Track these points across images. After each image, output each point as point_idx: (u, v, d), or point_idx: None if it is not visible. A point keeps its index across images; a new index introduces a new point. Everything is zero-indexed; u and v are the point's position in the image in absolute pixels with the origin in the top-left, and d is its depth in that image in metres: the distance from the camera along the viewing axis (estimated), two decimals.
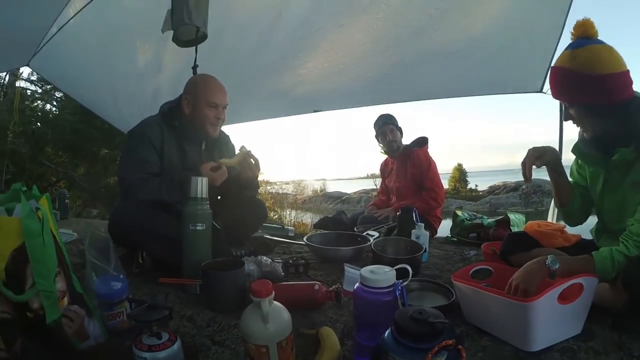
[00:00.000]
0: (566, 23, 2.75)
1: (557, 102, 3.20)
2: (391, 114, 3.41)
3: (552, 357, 1.18)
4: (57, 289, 1.11)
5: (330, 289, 1.59)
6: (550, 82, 1.49)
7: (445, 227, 3.34)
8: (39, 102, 8.31)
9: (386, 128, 3.35)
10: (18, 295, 1.05)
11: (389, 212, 3.22)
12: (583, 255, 1.36)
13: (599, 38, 1.39)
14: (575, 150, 1.64)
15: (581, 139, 1.60)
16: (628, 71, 1.36)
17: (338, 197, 24.35)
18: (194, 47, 2.37)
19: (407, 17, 2.89)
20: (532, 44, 3.00)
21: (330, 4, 2.80)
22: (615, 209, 1.56)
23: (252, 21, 2.98)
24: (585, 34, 1.40)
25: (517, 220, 2.81)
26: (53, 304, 1.07)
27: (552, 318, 1.20)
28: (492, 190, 23.89)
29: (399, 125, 3.39)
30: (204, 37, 2.22)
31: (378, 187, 3.93)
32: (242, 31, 3.06)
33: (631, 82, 1.37)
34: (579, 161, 1.74)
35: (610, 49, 1.36)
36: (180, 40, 2.27)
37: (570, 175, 1.79)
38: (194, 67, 2.24)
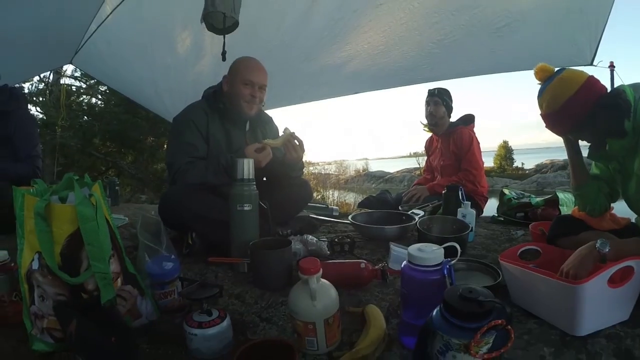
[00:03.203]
0: None
1: (609, 74, 3.20)
2: (446, 89, 3.32)
3: (599, 342, 1.14)
4: (111, 270, 1.16)
5: (376, 267, 1.60)
6: (547, 127, 1.63)
7: (491, 207, 3.26)
8: (84, 96, 8.64)
9: (430, 99, 3.27)
10: (73, 277, 1.11)
11: (420, 191, 3.18)
12: (633, 238, 1.32)
13: (555, 70, 1.56)
14: (590, 156, 1.72)
15: (590, 146, 1.69)
16: (586, 81, 1.48)
17: (381, 177, 24.24)
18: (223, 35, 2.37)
19: None
20: (582, 15, 2.88)
21: None
22: (636, 192, 1.55)
23: (290, 6, 2.98)
24: (544, 78, 1.57)
25: (567, 200, 2.70)
26: (108, 284, 1.13)
27: (601, 302, 1.16)
28: (539, 169, 23.15)
29: (451, 103, 3.31)
30: (235, 25, 2.21)
31: (421, 165, 3.87)
32: (279, 16, 3.06)
33: (594, 87, 1.48)
34: None
35: (559, 80, 1.51)
36: (216, 28, 2.27)
37: (591, 170, 1.82)
38: (223, 53, 2.26)
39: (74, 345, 0.99)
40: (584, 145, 1.72)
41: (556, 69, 1.56)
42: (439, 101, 3.24)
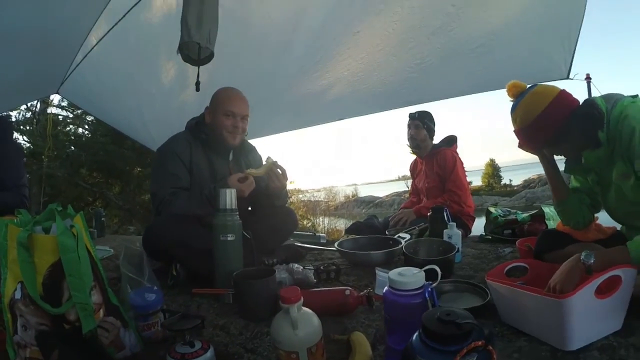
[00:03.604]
0: (587, 5, 2.72)
1: (586, 87, 3.25)
2: (428, 112, 3.37)
3: (591, 355, 1.14)
4: (92, 301, 1.16)
5: (362, 293, 1.59)
6: (519, 143, 1.66)
7: (480, 226, 3.27)
8: (71, 126, 8.60)
9: (411, 123, 3.32)
10: (55, 308, 1.11)
11: (407, 215, 3.19)
12: (618, 246, 1.32)
13: (527, 86, 1.60)
14: (566, 170, 1.77)
15: (566, 160, 1.75)
16: (558, 94, 1.51)
17: (370, 201, 24.29)
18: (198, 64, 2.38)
19: (423, 18, 2.87)
20: (554, 30, 2.95)
21: (345, 11, 2.80)
22: (616, 201, 1.58)
23: (269, 36, 3.02)
24: (516, 95, 1.60)
25: (553, 214, 2.71)
26: (89, 315, 1.13)
27: (589, 314, 1.16)
28: (528, 184, 23.36)
29: (432, 125, 3.35)
30: (210, 56, 2.22)
31: (410, 188, 3.88)
32: (259, 46, 3.10)
33: (566, 100, 1.52)
34: None
35: (531, 94, 1.55)
36: (192, 59, 2.26)
37: (571, 183, 1.84)
38: (197, 84, 2.27)
39: None
40: (560, 159, 1.74)
41: (528, 85, 1.59)
42: (419, 124, 3.29)
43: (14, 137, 2.70)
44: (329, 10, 2.79)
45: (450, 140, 3.36)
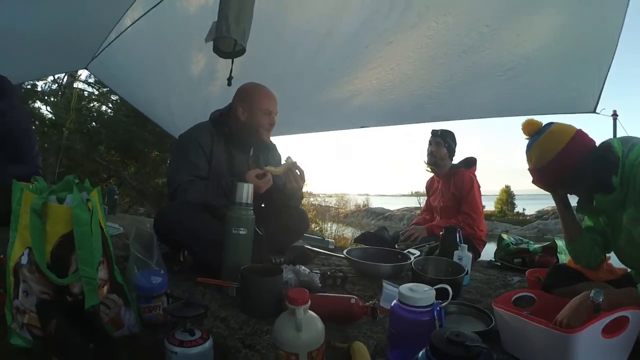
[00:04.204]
0: (619, 40, 2.66)
1: (610, 123, 3.23)
2: (451, 131, 3.35)
3: None
4: (98, 277, 1.16)
5: (367, 304, 1.57)
6: (533, 182, 1.64)
7: (489, 251, 3.24)
8: (95, 103, 8.71)
9: (433, 140, 3.30)
10: (60, 278, 1.12)
11: (419, 231, 3.17)
12: (627, 288, 1.32)
13: (543, 124, 1.57)
14: (578, 210, 1.74)
15: (579, 200, 1.71)
16: (574, 135, 1.48)
17: (381, 213, 24.17)
18: (231, 60, 2.41)
19: (457, 35, 2.86)
20: (585, 63, 2.91)
21: (380, 21, 2.80)
22: (625, 245, 1.55)
23: (303, 37, 3.03)
24: (532, 133, 1.58)
25: (565, 247, 2.68)
26: (93, 290, 1.13)
27: (595, 352, 1.16)
28: (541, 215, 23.05)
29: (454, 145, 3.33)
30: (242, 51, 2.25)
31: (422, 205, 3.87)
32: (292, 46, 3.12)
33: (583, 141, 1.49)
34: None
35: (548, 134, 1.52)
36: (221, 51, 2.31)
37: (584, 223, 1.80)
38: (229, 79, 2.30)
39: (51, 344, 0.99)
40: (572, 198, 1.72)
41: (544, 123, 1.57)
42: (440, 142, 3.27)
43: (21, 104, 2.61)
44: (365, 18, 2.79)
45: (470, 162, 3.33)
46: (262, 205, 2.40)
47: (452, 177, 3.25)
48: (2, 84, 2.36)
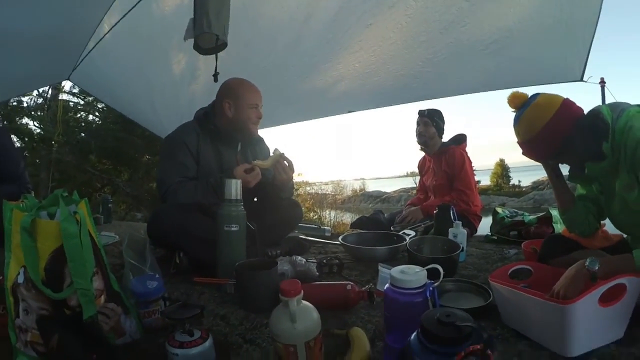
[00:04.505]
0: (602, 6, 2.66)
1: (599, 90, 3.22)
2: (438, 109, 3.35)
3: None
4: (94, 287, 1.17)
5: (363, 289, 1.58)
6: (523, 154, 1.64)
7: (486, 225, 3.25)
8: (81, 113, 8.65)
9: (420, 120, 3.31)
10: (56, 293, 1.12)
11: (414, 214, 3.18)
12: (624, 254, 1.30)
13: (529, 96, 1.57)
14: (570, 179, 1.76)
15: (570, 168, 1.71)
16: (561, 105, 1.48)
17: (378, 197, 24.29)
18: (214, 56, 2.40)
19: (436, 12, 2.83)
20: (569, 31, 2.89)
21: (358, 4, 2.77)
22: (620, 212, 1.55)
23: (281, 26, 3.00)
24: (518, 106, 1.57)
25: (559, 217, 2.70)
26: (90, 301, 1.13)
27: (592, 322, 1.15)
28: (536, 186, 23.22)
29: (442, 124, 3.33)
30: (224, 46, 2.25)
31: (418, 185, 3.86)
32: (271, 36, 3.09)
33: (570, 110, 1.49)
34: None
35: (534, 106, 1.51)
36: (202, 48, 2.30)
37: (576, 191, 1.80)
38: (215, 75, 2.29)
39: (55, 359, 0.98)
40: (564, 167, 1.72)
41: (529, 94, 1.56)
42: (428, 122, 3.27)
43: None
44: (343, 2, 2.76)
45: (460, 139, 3.34)
46: (255, 200, 2.40)
47: (442, 155, 3.25)
48: None
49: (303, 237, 2.74)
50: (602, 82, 3.22)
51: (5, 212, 1.15)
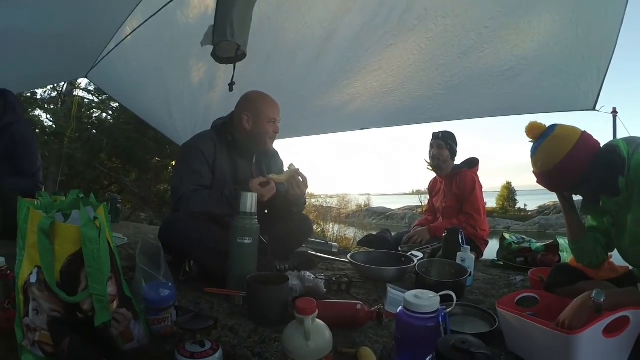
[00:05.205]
0: (619, 38, 2.68)
1: (610, 120, 3.23)
2: (451, 132, 3.36)
3: None
4: (108, 293, 1.16)
5: (373, 309, 1.59)
6: (539, 182, 1.65)
7: (492, 250, 3.26)
8: (95, 110, 8.74)
9: (435, 142, 3.32)
10: (70, 296, 1.12)
11: (420, 234, 3.19)
12: (629, 287, 1.33)
13: (547, 126, 1.57)
14: (582, 211, 1.75)
15: (583, 200, 1.72)
16: (579, 139, 1.49)
17: (382, 213, 24.20)
18: (233, 65, 2.42)
19: (456, 37, 2.87)
20: (584, 60, 2.91)
21: (380, 25, 2.82)
22: (630, 245, 1.56)
23: (303, 41, 3.04)
24: (536, 136, 1.58)
25: (567, 246, 2.69)
26: (104, 307, 1.13)
27: (596, 352, 1.17)
28: (542, 211, 23.08)
29: (455, 147, 3.34)
30: (243, 56, 2.25)
31: (424, 204, 3.87)
32: (292, 51, 3.14)
33: (588, 144, 1.50)
34: None
35: (553, 138, 1.52)
36: (219, 57, 2.31)
37: (587, 222, 1.81)
38: (231, 85, 2.32)
39: None
40: (577, 199, 1.73)
41: (547, 125, 1.57)
42: (442, 144, 3.29)
43: (24, 118, 2.63)
44: (365, 21, 2.81)
45: (472, 163, 3.35)
46: (265, 212, 2.42)
47: (454, 177, 3.26)
48: (7, 98, 2.39)
49: (312, 252, 2.75)
50: (614, 112, 3.23)
51: (21, 210, 1.15)
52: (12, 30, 2.64)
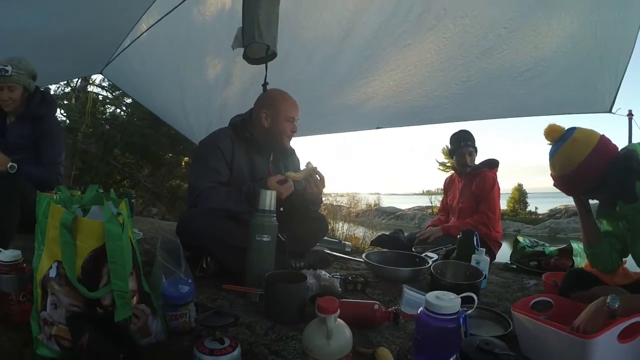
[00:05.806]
0: (636, 42, 2.67)
1: (626, 122, 3.20)
2: (472, 134, 3.35)
3: None
4: (129, 288, 1.16)
5: (390, 309, 1.60)
6: (555, 186, 1.64)
7: (504, 252, 3.24)
8: (109, 106, 8.82)
9: (466, 150, 3.30)
10: (91, 291, 1.12)
11: (433, 232, 3.19)
12: None
13: (566, 129, 1.55)
14: (598, 215, 1.75)
15: (599, 204, 1.71)
16: (598, 143, 1.48)
17: (392, 213, 24.13)
18: (264, 65, 2.43)
19: (475, 37, 2.87)
20: (602, 63, 2.90)
21: (398, 24, 2.83)
22: None
23: (321, 40, 3.06)
24: (555, 139, 1.56)
25: (581, 250, 2.66)
26: (126, 303, 1.13)
27: (610, 356, 1.18)
28: (553, 214, 22.89)
29: (476, 144, 3.35)
30: (273, 56, 2.26)
31: (434, 204, 3.87)
32: (311, 49, 3.16)
33: (607, 148, 1.49)
34: None
35: (572, 141, 1.51)
36: (250, 58, 2.32)
37: (603, 227, 1.80)
38: (264, 85, 2.32)
39: (83, 357, 1.00)
40: (593, 203, 1.72)
41: (566, 128, 1.55)
42: (472, 151, 3.30)
43: (56, 114, 2.75)
44: (383, 20, 2.82)
45: (493, 164, 3.33)
46: (281, 210, 2.42)
47: (475, 177, 3.25)
48: (45, 94, 2.52)
49: (327, 251, 2.75)
50: (630, 115, 3.21)
51: (40, 204, 1.14)
52: (31, 29, 2.69)
